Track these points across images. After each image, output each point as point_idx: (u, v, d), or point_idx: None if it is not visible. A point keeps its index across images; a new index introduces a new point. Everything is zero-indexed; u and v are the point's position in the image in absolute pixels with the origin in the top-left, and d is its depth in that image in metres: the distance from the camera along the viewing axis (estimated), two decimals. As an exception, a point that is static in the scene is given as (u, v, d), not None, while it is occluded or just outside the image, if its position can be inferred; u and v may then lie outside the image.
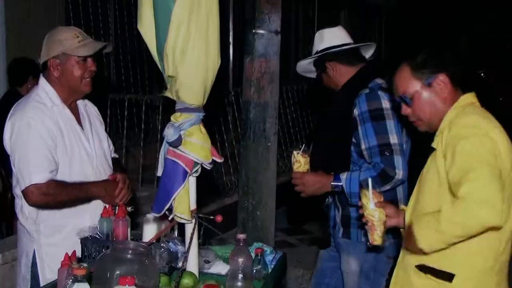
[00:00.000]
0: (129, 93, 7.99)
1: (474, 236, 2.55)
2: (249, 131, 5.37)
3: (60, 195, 3.26)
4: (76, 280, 2.32)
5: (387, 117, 3.55)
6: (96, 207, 3.42)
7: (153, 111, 8.31)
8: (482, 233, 2.54)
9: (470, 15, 18.89)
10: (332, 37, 3.90)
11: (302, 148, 3.75)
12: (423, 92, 2.82)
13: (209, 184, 2.98)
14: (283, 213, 7.41)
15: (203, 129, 2.94)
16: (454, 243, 2.60)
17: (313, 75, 4.08)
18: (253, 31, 5.27)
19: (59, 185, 3.27)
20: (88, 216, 3.40)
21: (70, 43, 3.34)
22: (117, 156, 3.94)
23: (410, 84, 2.83)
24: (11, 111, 3.38)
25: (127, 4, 8.55)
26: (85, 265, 2.49)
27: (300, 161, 3.71)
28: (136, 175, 6.88)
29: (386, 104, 3.56)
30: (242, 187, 5.47)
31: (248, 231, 5.35)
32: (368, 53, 4.01)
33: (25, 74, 6.04)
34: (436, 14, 16.82)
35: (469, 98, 2.84)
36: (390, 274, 3.23)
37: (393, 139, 3.51)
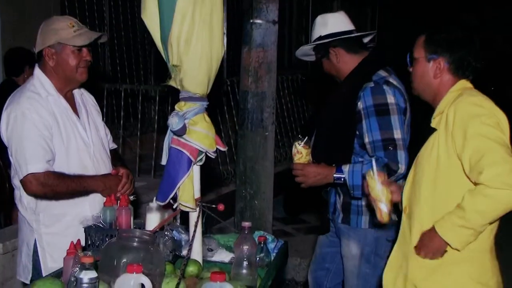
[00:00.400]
0: (124, 83, 7.99)
1: None
2: (247, 120, 5.39)
3: (58, 186, 3.26)
4: (83, 268, 2.32)
5: (392, 112, 3.56)
6: (95, 196, 3.43)
7: (149, 101, 8.32)
8: None
9: (463, 8, 18.98)
10: (337, 22, 3.85)
11: (304, 139, 3.72)
12: (422, 63, 2.98)
13: (205, 173, 3.00)
14: (279, 202, 7.43)
15: (207, 118, 2.95)
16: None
17: (312, 58, 4.04)
18: (251, 20, 5.29)
19: (58, 176, 3.27)
20: (87, 205, 3.41)
21: (65, 33, 3.33)
22: (115, 146, 3.94)
23: (417, 50, 3.00)
24: (7, 102, 3.38)
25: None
26: (89, 253, 2.50)
27: (301, 152, 3.70)
28: (133, 165, 6.87)
29: (391, 99, 3.57)
30: (239, 176, 5.49)
31: (245, 220, 5.37)
32: (365, 40, 4.00)
33: (21, 64, 6.01)
34: (429, 6, 16.84)
35: (466, 83, 2.94)
36: None
37: (397, 134, 3.53)
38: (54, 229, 3.39)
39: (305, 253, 6.09)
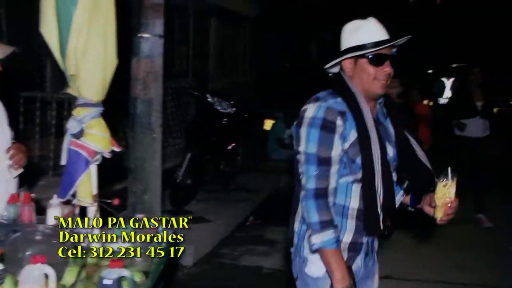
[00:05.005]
0: (23, 91, 7.69)
1: None
2: (136, 124, 5.33)
3: None
4: (-9, 260, 2.24)
5: None
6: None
7: (45, 107, 8.05)
8: None
9: (319, 25, 19.63)
10: None
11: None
12: None
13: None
14: (165, 195, 7.36)
15: (103, 122, 2.92)
16: None
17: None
18: (139, 35, 5.24)
19: None
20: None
21: None
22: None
23: None
24: None
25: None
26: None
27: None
28: (33, 166, 6.64)
29: None
30: (131, 174, 5.43)
31: (137, 213, 5.30)
32: None
33: None
34: (291, 23, 17.32)
35: None
36: None
37: None
38: None
39: (190, 240, 6.09)
